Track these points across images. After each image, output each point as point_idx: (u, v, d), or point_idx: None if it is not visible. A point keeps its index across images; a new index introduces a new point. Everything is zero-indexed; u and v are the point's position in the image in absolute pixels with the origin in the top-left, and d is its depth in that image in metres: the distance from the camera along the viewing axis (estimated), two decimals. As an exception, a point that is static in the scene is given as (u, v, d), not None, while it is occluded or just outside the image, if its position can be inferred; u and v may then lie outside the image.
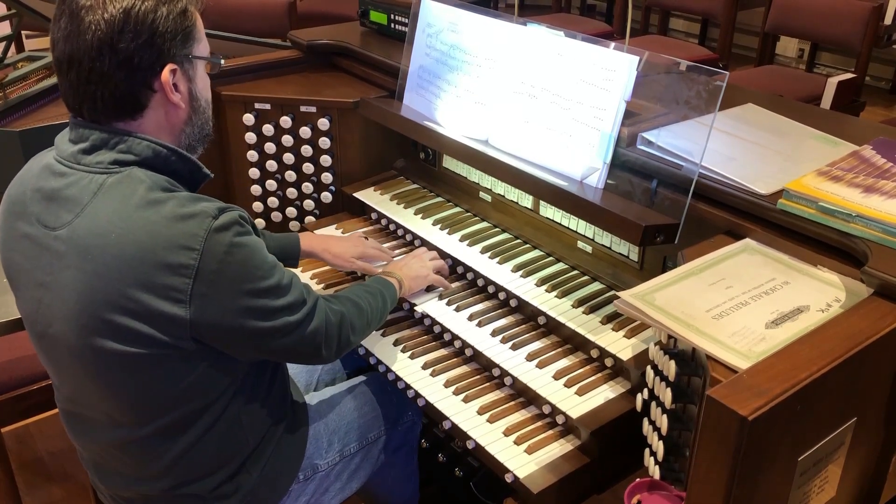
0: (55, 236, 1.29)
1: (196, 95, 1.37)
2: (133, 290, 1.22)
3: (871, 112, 4.83)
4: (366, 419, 1.73)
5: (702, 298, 1.29)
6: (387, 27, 2.43)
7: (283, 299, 1.34)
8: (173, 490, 1.44)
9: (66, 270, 1.27)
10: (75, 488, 2.43)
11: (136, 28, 1.24)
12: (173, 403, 1.35)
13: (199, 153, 1.42)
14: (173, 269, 1.22)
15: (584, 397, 1.54)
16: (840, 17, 4.03)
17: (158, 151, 1.31)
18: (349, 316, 1.51)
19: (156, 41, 1.26)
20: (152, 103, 1.31)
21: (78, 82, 1.27)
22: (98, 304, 1.24)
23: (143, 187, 1.26)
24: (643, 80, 1.62)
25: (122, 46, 1.24)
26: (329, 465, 1.65)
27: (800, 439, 1.11)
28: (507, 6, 6.93)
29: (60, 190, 1.29)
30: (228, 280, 1.26)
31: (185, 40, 1.31)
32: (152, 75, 1.28)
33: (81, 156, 1.30)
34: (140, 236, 1.22)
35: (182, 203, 1.26)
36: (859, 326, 1.17)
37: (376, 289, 1.65)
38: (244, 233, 1.29)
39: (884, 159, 1.55)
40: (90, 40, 1.23)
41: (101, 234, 1.24)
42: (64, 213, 1.28)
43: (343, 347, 1.50)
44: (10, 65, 2.93)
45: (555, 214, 1.92)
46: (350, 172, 2.25)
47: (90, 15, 1.23)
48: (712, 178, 1.54)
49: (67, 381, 1.40)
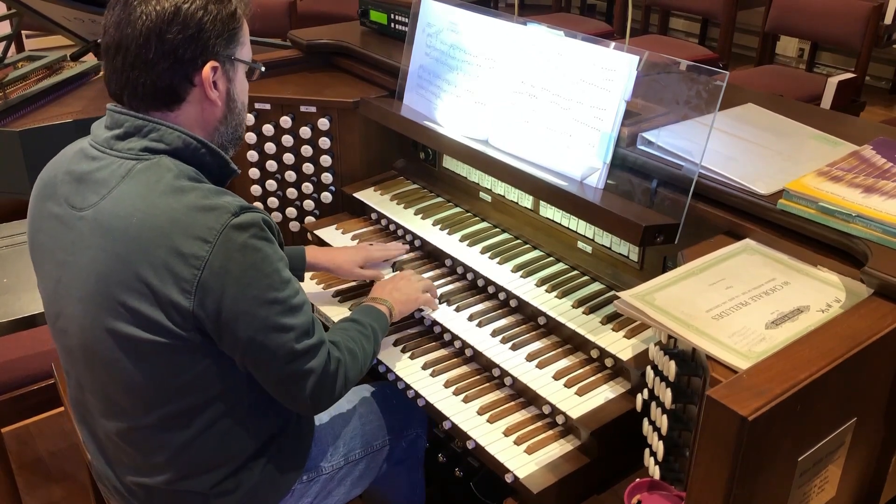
0: (80, 216, 1.32)
1: (233, 97, 1.41)
2: (146, 273, 1.25)
3: (871, 112, 4.83)
4: (371, 426, 1.72)
5: (702, 298, 1.29)
6: (387, 27, 2.43)
7: (288, 318, 1.31)
8: (174, 484, 1.44)
9: (87, 250, 1.30)
10: (75, 488, 2.43)
11: (185, 22, 1.29)
12: (176, 394, 1.35)
13: (230, 155, 1.44)
14: (185, 258, 1.24)
15: (584, 397, 1.54)
16: (840, 16, 4.03)
17: (189, 143, 1.33)
18: (345, 367, 1.46)
19: (201, 37, 1.31)
20: (190, 97, 1.35)
21: (123, 67, 1.31)
22: (112, 285, 1.27)
23: (170, 175, 1.29)
24: (643, 80, 1.62)
25: (169, 38, 1.28)
26: (334, 468, 1.65)
27: (800, 439, 1.11)
28: (507, 6, 6.93)
29: (91, 173, 1.33)
30: (234, 279, 1.26)
31: (230, 41, 1.36)
32: (193, 69, 1.32)
33: (115, 141, 1.33)
34: (160, 221, 1.25)
35: (205, 195, 1.28)
36: (859, 326, 1.17)
37: (370, 329, 1.58)
38: (262, 237, 1.29)
39: (884, 159, 1.55)
40: (140, 28, 1.28)
41: (124, 216, 1.27)
42: (91, 195, 1.32)
43: (334, 399, 1.45)
44: (10, 65, 2.93)
45: (555, 214, 1.92)
46: (350, 172, 2.25)
47: (143, 6, 1.29)
48: (712, 178, 1.54)
49: (77, 364, 1.41)
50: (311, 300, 1.90)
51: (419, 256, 2.01)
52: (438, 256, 1.98)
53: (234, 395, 1.40)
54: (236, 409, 1.42)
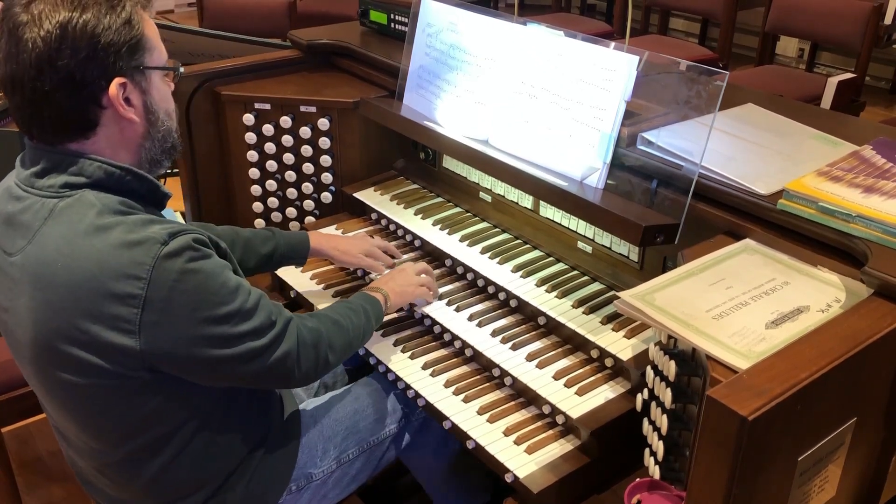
0: (11, 262, 1.27)
1: (152, 108, 1.30)
2: (82, 321, 1.20)
3: (871, 112, 4.82)
4: (367, 422, 1.70)
5: (702, 298, 1.29)
6: (387, 27, 2.42)
7: (246, 325, 1.29)
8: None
9: (21, 298, 1.25)
10: (75, 488, 2.42)
11: (75, 43, 1.18)
12: (140, 428, 1.33)
13: (165, 166, 1.37)
14: (120, 299, 1.19)
15: (584, 397, 1.54)
16: (840, 17, 4.03)
17: (111, 172, 1.25)
18: (327, 335, 1.45)
19: (98, 55, 1.20)
20: (103, 120, 1.25)
21: (23, 104, 1.22)
22: (49, 335, 1.22)
23: (92, 212, 1.22)
24: (643, 80, 1.61)
25: (62, 63, 1.18)
26: (325, 473, 1.62)
27: (800, 439, 1.11)
28: (507, 6, 6.93)
29: (16, 215, 1.27)
30: (180, 307, 1.21)
31: (133, 51, 1.24)
32: (99, 91, 1.22)
33: (34, 179, 1.26)
34: (86, 265, 1.19)
35: (130, 229, 1.21)
36: (859, 326, 1.17)
37: (359, 306, 1.60)
38: (198, 257, 1.23)
39: (884, 159, 1.55)
40: (28, 59, 1.18)
41: (48, 262, 1.21)
42: (19, 240, 1.26)
43: (321, 368, 1.45)
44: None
45: (555, 214, 1.92)
46: (350, 172, 2.25)
47: (28, 32, 1.18)
48: (712, 178, 1.54)
49: (44, 404, 1.40)
50: (310, 299, 1.92)
51: (419, 256, 2.01)
52: (438, 256, 1.98)
53: (200, 417, 1.38)
54: (205, 430, 1.39)
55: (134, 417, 1.31)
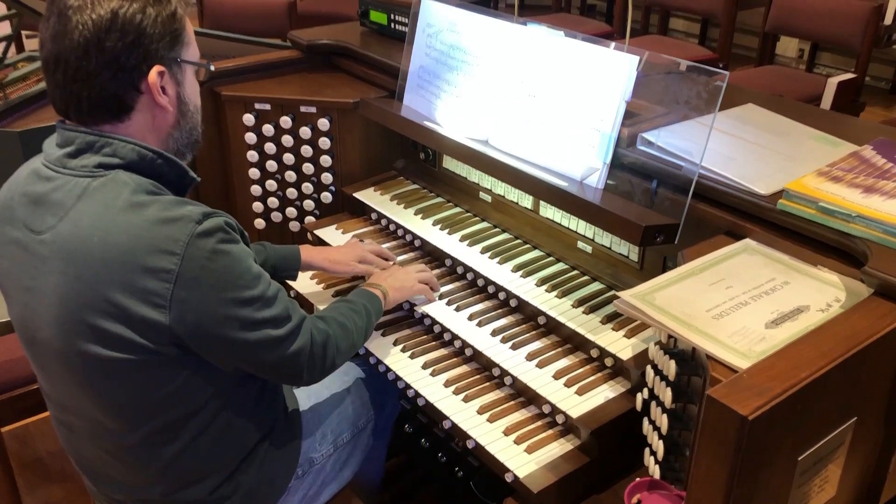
0: (40, 240, 1.28)
1: (184, 99, 1.36)
2: (114, 294, 1.22)
3: (871, 112, 4.82)
4: (355, 406, 1.74)
5: (702, 298, 1.29)
6: (387, 27, 2.43)
7: (267, 311, 1.32)
8: (170, 495, 1.44)
9: (50, 275, 1.27)
10: (75, 488, 2.42)
11: (124, 28, 1.24)
12: (160, 409, 1.34)
13: (188, 160, 1.40)
14: (154, 273, 1.22)
15: (584, 397, 1.54)
16: (840, 17, 4.03)
17: (144, 154, 1.29)
18: (335, 338, 1.49)
19: (143, 42, 1.26)
20: (139, 105, 1.30)
21: (64, 82, 1.26)
22: (81, 308, 1.24)
23: (126, 190, 1.25)
24: (643, 80, 1.62)
25: (109, 46, 1.24)
26: (324, 456, 1.66)
27: (800, 439, 1.11)
28: (507, 6, 6.93)
29: (46, 194, 1.29)
30: (209, 286, 1.25)
31: (173, 43, 1.31)
32: (139, 76, 1.27)
33: (67, 160, 1.29)
34: (122, 239, 1.22)
35: (166, 207, 1.25)
36: (859, 326, 1.17)
37: (361, 305, 1.62)
38: (228, 240, 1.27)
39: (884, 159, 1.55)
40: (77, 39, 1.23)
41: (83, 237, 1.24)
42: (49, 217, 1.28)
43: (327, 370, 1.49)
44: (11, 65, 2.93)
45: (555, 214, 1.92)
46: (350, 173, 2.25)
47: (78, 15, 1.23)
48: (712, 178, 1.54)
49: (57, 387, 1.40)
50: (310, 299, 1.92)
51: (419, 256, 2.01)
52: (438, 256, 1.98)
53: (219, 401, 1.40)
54: (223, 415, 1.41)
55: (157, 395, 1.32)
